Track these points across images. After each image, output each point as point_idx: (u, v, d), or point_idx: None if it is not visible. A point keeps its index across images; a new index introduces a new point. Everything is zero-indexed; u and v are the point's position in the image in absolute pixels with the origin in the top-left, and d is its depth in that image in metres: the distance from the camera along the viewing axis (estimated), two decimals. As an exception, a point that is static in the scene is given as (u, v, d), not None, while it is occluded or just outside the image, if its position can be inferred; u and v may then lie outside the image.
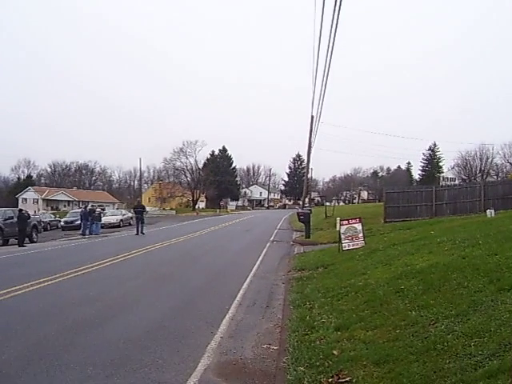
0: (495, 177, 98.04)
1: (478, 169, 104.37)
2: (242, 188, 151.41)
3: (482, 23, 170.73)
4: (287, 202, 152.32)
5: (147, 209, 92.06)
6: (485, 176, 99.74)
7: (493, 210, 24.15)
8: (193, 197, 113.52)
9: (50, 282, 12.90)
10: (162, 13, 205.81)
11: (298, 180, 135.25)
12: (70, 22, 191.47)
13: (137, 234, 33.97)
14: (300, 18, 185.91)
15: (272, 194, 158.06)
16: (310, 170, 54.86)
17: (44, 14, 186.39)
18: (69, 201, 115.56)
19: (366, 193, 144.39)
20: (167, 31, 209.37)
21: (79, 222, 40.72)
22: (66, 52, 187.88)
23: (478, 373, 4.68)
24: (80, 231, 36.82)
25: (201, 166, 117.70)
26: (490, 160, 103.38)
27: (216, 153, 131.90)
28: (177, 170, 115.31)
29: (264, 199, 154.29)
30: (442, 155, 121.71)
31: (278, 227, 41.30)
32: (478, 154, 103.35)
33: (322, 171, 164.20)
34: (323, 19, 14.88)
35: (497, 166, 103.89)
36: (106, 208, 77.00)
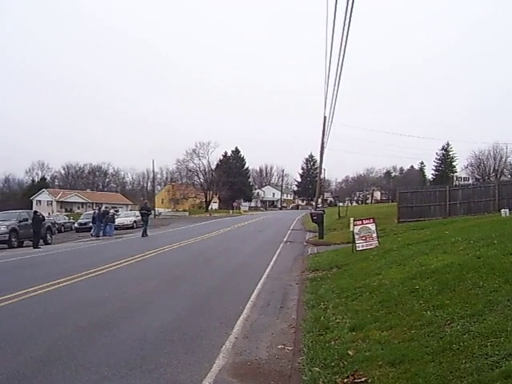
0: (509, 176, 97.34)
1: (492, 168, 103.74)
2: (255, 189, 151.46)
3: (495, 18, 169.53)
4: (300, 202, 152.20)
5: (160, 210, 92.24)
6: (499, 175, 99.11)
7: (507, 210, 24.03)
8: (206, 198, 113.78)
9: (64, 284, 12.96)
10: (171, 19, 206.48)
11: (311, 180, 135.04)
12: (83, 33, 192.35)
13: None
14: (312, 20, 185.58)
15: (285, 195, 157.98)
16: (322, 171, 54.82)
17: (50, 24, 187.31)
18: (82, 202, 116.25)
19: (379, 193, 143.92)
20: (179, 37, 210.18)
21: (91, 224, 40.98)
22: (78, 60, 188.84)
23: (494, 373, 4.64)
24: (91, 232, 36.92)
25: (213, 167, 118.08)
26: (504, 159, 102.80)
27: (228, 154, 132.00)
28: (189, 171, 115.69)
29: (277, 200, 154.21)
30: (455, 155, 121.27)
31: (291, 228, 41.27)
32: (491, 153, 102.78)
33: (334, 171, 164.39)
34: (335, 20, 14.89)
35: (511, 165, 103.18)
36: (120, 209, 77.30)
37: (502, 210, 24.44)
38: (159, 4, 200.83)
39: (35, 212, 32.93)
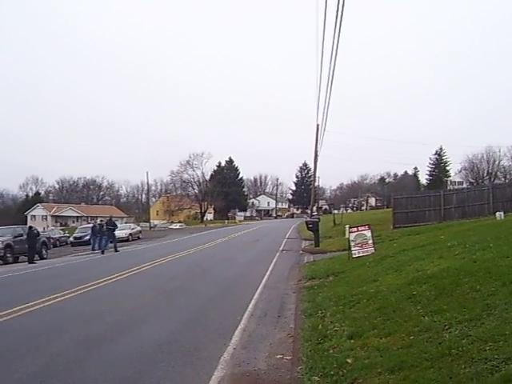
0: (503, 179, 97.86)
1: (486, 171, 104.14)
2: (250, 198, 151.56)
3: (489, 30, 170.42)
4: (295, 210, 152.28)
5: (156, 222, 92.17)
6: (492, 178, 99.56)
7: (502, 213, 24.14)
8: (201, 209, 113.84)
9: (61, 298, 12.89)
10: (164, 31, 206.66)
11: (306, 188, 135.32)
12: (75, 48, 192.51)
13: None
14: (305, 29, 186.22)
15: (280, 204, 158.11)
16: (317, 179, 54.87)
17: (43, 40, 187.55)
18: (77, 216, 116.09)
19: (373, 199, 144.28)
20: (171, 49, 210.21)
21: (88, 237, 40.70)
22: (71, 74, 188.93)
23: (494, 377, 4.63)
24: (94, 246, 35.80)
25: (208, 177, 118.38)
26: (497, 162, 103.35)
27: (222, 164, 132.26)
28: (184, 182, 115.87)
29: (272, 209, 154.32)
30: (448, 159, 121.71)
31: (286, 236, 41.24)
32: (484, 156, 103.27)
33: (329, 179, 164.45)
34: (325, 27, 14.96)
35: (504, 168, 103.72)
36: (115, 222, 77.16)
37: (497, 213, 24.52)
38: (152, 17, 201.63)
39: (30, 227, 32.82)
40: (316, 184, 54.75)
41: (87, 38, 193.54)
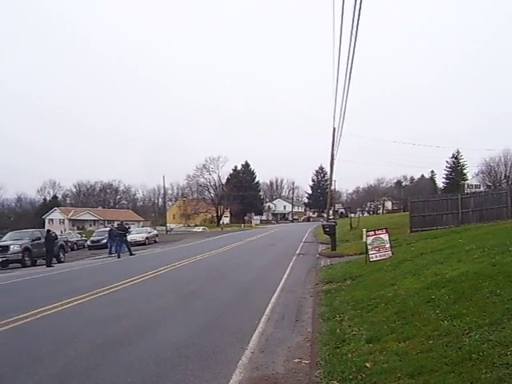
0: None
1: (503, 175, 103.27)
2: (266, 202, 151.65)
3: (506, 28, 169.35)
4: (311, 214, 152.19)
5: (172, 226, 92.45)
6: (510, 182, 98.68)
7: (521, 216, 23.89)
8: (217, 212, 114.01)
9: (78, 302, 12.96)
10: (175, 34, 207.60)
11: (322, 192, 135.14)
12: (90, 57, 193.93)
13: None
14: (321, 32, 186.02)
15: (296, 207, 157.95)
16: (333, 182, 54.75)
17: (51, 50, 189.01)
18: (94, 220, 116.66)
19: (390, 203, 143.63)
20: (187, 53, 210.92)
21: (105, 241, 40.93)
22: (89, 82, 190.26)
23: (516, 382, 4.59)
24: (112, 250, 35.95)
25: (224, 181, 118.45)
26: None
27: (239, 168, 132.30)
28: (200, 186, 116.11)
29: (288, 212, 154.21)
30: (465, 162, 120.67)
31: (303, 240, 41.16)
32: (502, 159, 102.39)
33: (345, 182, 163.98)
34: (342, 31, 14.89)
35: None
36: (132, 226, 77.47)
37: (516, 216, 24.31)
38: (160, 22, 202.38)
39: (48, 231, 33.06)
40: (332, 187, 54.65)
41: (99, 48, 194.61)
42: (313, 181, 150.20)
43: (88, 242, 50.29)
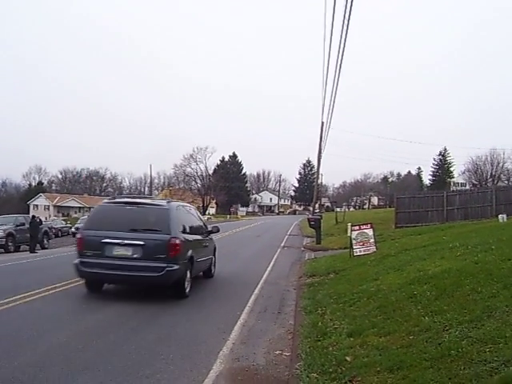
0: (506, 182, 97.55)
1: (489, 174, 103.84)
2: (252, 194, 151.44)
3: (493, 24, 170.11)
4: (297, 207, 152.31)
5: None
6: (496, 181, 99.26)
7: (505, 215, 24.07)
8: (203, 203, 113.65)
9: (61, 288, 12.86)
10: (171, 25, 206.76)
11: (308, 186, 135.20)
12: (83, 37, 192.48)
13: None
14: (311, 25, 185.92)
15: (282, 200, 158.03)
16: (320, 176, 54.73)
17: (51, 28, 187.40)
18: (80, 207, 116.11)
19: (376, 198, 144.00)
20: (178, 43, 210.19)
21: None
22: (78, 65, 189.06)
23: (493, 379, 4.63)
24: None
25: (211, 172, 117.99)
26: (501, 165, 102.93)
27: (226, 159, 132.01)
28: (187, 176, 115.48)
29: (274, 205, 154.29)
30: (452, 160, 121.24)
31: (288, 233, 41.27)
32: (488, 158, 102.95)
33: (331, 177, 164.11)
34: (333, 28, 14.91)
35: (508, 170, 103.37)
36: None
37: (500, 215, 24.46)
38: (161, 12, 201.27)
39: (33, 216, 32.78)
40: (319, 181, 54.67)
41: (95, 28, 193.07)
42: (300, 174, 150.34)
43: (73, 229, 49.95)
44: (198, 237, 13.91)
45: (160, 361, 6.78)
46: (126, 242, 11.29)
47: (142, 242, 11.22)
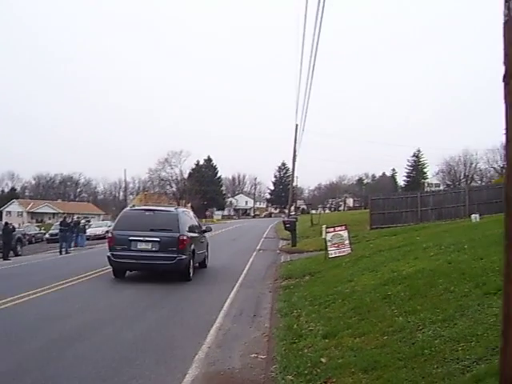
0: (479, 182, 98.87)
1: (463, 174, 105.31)
2: (228, 197, 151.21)
3: (465, 27, 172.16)
4: (273, 210, 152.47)
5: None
6: (469, 181, 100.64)
7: (477, 215, 24.36)
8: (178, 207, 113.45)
9: (34, 296, 12.72)
10: (142, 25, 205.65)
11: (284, 188, 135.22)
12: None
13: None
14: (285, 26, 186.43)
15: (258, 203, 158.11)
16: (295, 179, 54.83)
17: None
18: (54, 213, 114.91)
19: (351, 200, 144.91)
20: (150, 44, 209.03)
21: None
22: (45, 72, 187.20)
23: (465, 377, 4.69)
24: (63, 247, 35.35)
25: (186, 176, 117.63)
26: (473, 165, 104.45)
27: (201, 163, 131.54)
28: (162, 180, 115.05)
29: (250, 208, 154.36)
30: (426, 161, 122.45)
31: (264, 236, 41.32)
32: (462, 159, 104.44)
33: (307, 179, 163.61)
34: (305, 30, 14.99)
35: (481, 171, 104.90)
36: (92, 220, 76.59)
37: (473, 215, 24.75)
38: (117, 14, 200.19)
39: (6, 223, 32.35)
40: (294, 184, 54.78)
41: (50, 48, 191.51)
42: (275, 177, 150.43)
43: (47, 236, 49.44)
44: (197, 234, 17.73)
45: (135, 366, 6.72)
46: (147, 238, 15.07)
47: (158, 239, 15.05)
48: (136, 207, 20.29)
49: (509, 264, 2.99)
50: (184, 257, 15.00)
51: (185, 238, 15.24)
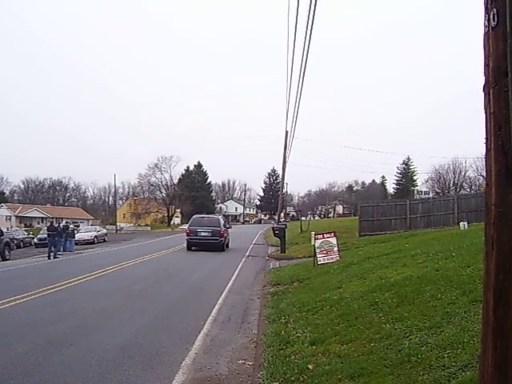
0: (468, 190, 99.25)
1: (452, 182, 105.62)
2: (218, 203, 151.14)
3: (452, 35, 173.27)
4: (263, 216, 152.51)
5: (122, 225, 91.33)
6: (458, 189, 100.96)
7: (466, 223, 24.49)
8: (168, 212, 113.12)
9: (22, 300, 12.66)
10: (132, 29, 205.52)
11: (274, 195, 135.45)
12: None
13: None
14: (275, 32, 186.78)
15: (247, 209, 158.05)
16: (285, 185, 54.98)
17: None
18: (42, 217, 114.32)
19: (341, 207, 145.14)
20: (140, 50, 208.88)
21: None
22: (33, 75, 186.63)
23: (451, 384, 4.71)
24: (53, 251, 35.24)
25: (176, 181, 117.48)
26: (463, 173, 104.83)
27: (191, 168, 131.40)
28: (152, 185, 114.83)
29: (239, 214, 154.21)
30: (415, 169, 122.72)
31: (253, 242, 41.37)
32: (451, 167, 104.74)
33: (297, 186, 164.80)
34: (296, 37, 15.02)
35: (470, 179, 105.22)
36: (81, 224, 76.32)
37: (461, 222, 24.90)
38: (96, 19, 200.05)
39: (-5, 228, 32.25)
40: (284, 190, 54.94)
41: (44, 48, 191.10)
42: (265, 183, 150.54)
43: (35, 240, 49.20)
44: (226, 229, 33.60)
45: (122, 372, 6.71)
46: (205, 229, 30.99)
47: (211, 230, 30.90)
48: (198, 215, 37.21)
49: (488, 272, 3.02)
50: (222, 239, 31.17)
51: (223, 230, 31.64)
